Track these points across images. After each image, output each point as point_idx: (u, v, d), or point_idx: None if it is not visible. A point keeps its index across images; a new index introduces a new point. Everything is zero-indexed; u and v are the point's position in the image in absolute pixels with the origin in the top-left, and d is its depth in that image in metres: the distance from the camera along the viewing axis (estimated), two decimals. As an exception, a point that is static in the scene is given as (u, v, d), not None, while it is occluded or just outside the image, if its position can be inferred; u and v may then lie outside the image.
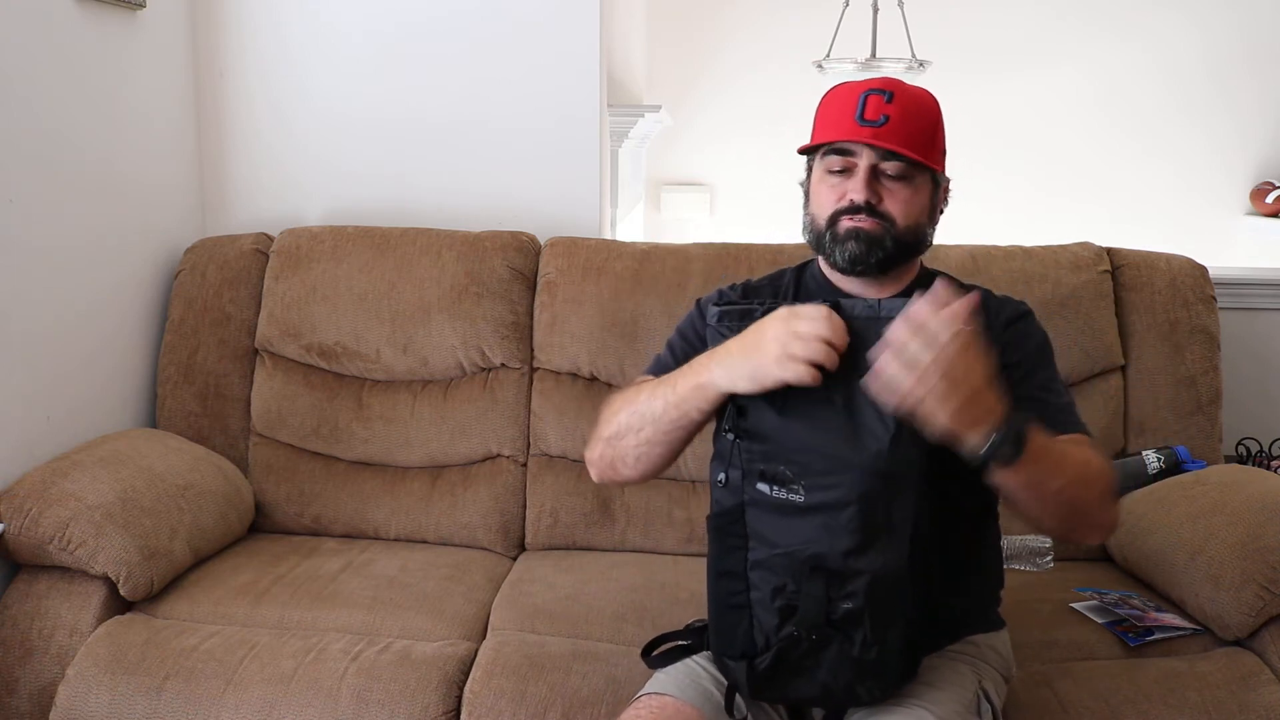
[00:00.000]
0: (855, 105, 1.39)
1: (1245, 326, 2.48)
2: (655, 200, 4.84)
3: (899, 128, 1.38)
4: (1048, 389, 1.42)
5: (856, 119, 1.39)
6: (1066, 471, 1.27)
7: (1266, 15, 4.51)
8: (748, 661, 1.31)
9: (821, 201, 1.45)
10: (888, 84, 1.41)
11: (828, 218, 1.44)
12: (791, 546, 1.26)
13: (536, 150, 2.50)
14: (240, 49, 2.49)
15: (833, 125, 1.42)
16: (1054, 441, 1.26)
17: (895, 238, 1.41)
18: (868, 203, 1.40)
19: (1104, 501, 1.33)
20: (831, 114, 1.44)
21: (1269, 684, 1.65)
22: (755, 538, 1.29)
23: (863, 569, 1.24)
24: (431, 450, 2.22)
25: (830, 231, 1.43)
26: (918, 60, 3.72)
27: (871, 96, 1.39)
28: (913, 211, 1.42)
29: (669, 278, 2.19)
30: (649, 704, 1.37)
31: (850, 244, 1.41)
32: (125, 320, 2.27)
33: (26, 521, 1.79)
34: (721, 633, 1.35)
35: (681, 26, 4.72)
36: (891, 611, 1.28)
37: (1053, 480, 1.25)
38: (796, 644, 1.27)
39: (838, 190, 1.43)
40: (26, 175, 1.95)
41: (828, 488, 1.24)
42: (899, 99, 1.39)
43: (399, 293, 2.23)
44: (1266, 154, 4.63)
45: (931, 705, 1.33)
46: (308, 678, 1.67)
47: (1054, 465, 1.25)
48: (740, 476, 1.29)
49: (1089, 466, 1.30)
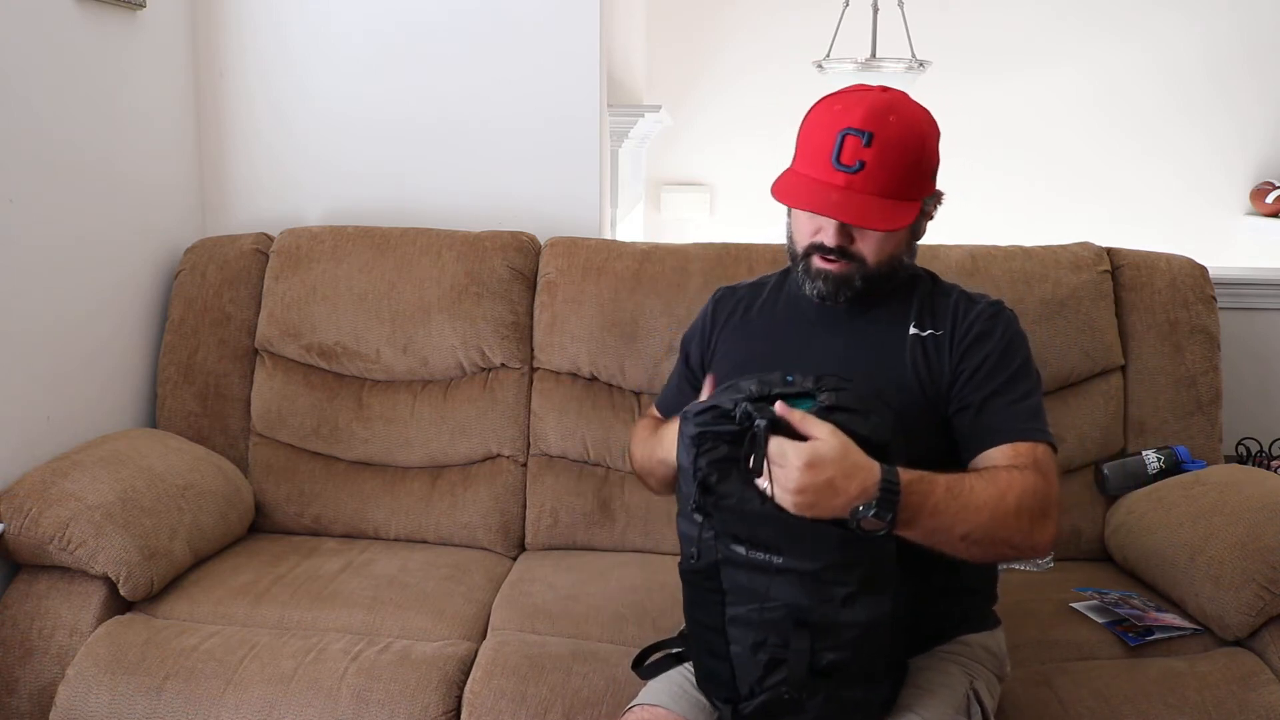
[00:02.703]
0: (832, 145, 1.36)
1: (1245, 326, 2.48)
2: (655, 200, 4.84)
3: (874, 175, 1.35)
4: (1002, 393, 1.41)
5: (832, 161, 1.36)
6: (972, 517, 1.27)
7: (1266, 15, 4.51)
8: (732, 706, 1.29)
9: (799, 229, 1.48)
10: (870, 119, 1.36)
11: (803, 249, 1.46)
12: (773, 602, 1.24)
13: (536, 150, 2.50)
14: (240, 49, 2.49)
15: (809, 161, 1.40)
16: (958, 489, 1.27)
17: (865, 276, 1.43)
18: (839, 246, 1.42)
19: (1032, 526, 1.30)
20: (809, 146, 1.41)
21: (1269, 684, 1.65)
22: (733, 592, 1.27)
23: (849, 620, 1.23)
24: (431, 450, 2.22)
25: (804, 263, 1.46)
26: (918, 60, 3.72)
27: (849, 138, 1.35)
28: (886, 249, 1.43)
29: (669, 278, 2.18)
30: (641, 715, 1.37)
31: (819, 283, 1.45)
32: (125, 320, 2.27)
33: (26, 521, 1.79)
34: (705, 676, 1.34)
35: (681, 26, 4.72)
36: (879, 655, 1.27)
37: (957, 527, 1.26)
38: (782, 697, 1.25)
39: (814, 223, 1.44)
40: (26, 175, 1.95)
41: (802, 554, 1.23)
42: (878, 140, 1.35)
43: (399, 293, 2.23)
44: (1266, 154, 4.63)
45: (920, 710, 1.33)
46: (308, 678, 1.67)
47: (955, 515, 1.26)
48: (713, 537, 1.27)
49: (1004, 500, 1.29)
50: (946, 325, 1.46)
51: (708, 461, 1.23)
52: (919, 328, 1.46)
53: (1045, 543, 1.33)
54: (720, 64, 4.74)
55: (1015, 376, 1.43)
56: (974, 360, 1.43)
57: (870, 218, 1.36)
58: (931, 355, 1.45)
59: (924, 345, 1.45)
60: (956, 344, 1.44)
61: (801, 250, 1.46)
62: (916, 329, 1.46)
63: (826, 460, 1.19)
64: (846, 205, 1.36)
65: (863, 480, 1.20)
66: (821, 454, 1.19)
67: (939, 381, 1.43)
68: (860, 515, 1.19)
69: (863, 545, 1.22)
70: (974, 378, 1.42)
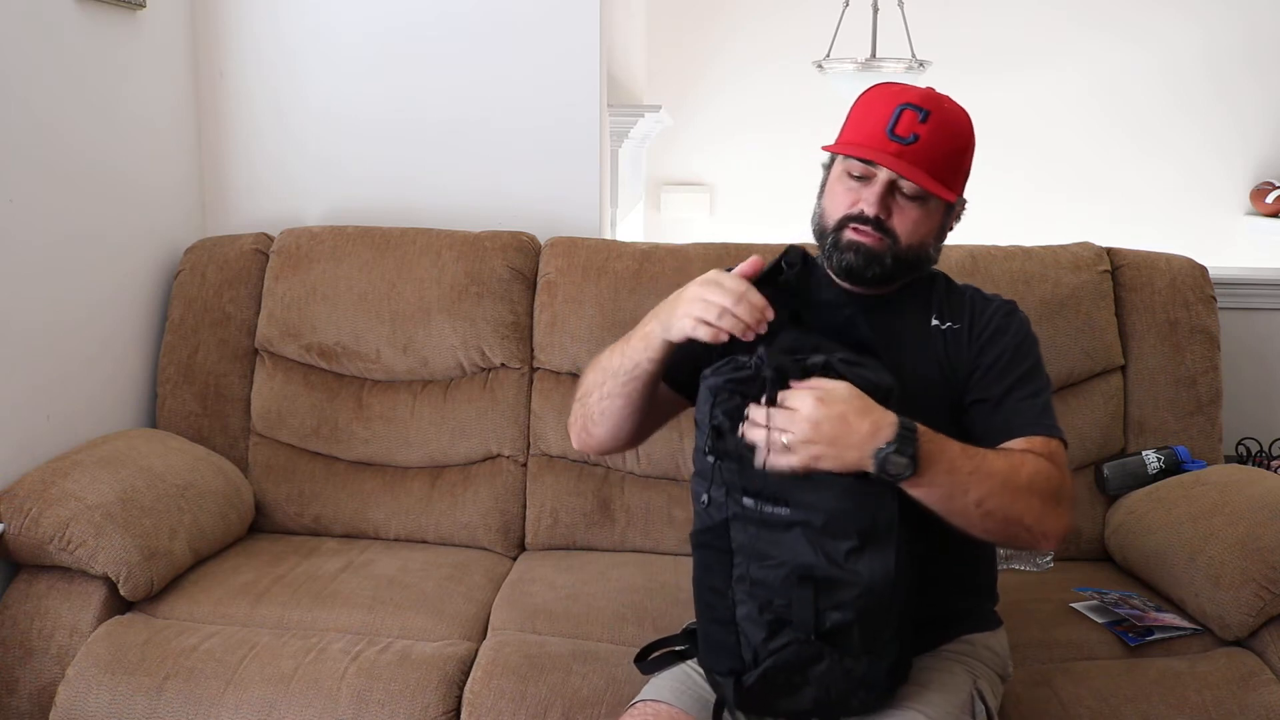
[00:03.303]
0: (889, 117, 1.39)
1: (1245, 326, 2.48)
2: (655, 200, 4.84)
3: (926, 150, 1.38)
4: (1017, 389, 1.43)
5: (887, 132, 1.39)
6: (986, 482, 1.27)
7: (1266, 15, 4.51)
8: (735, 678, 1.30)
9: (835, 201, 1.46)
10: (927, 100, 1.41)
11: (836, 220, 1.45)
12: (778, 558, 1.26)
13: (536, 150, 2.50)
14: (240, 49, 2.49)
15: (863, 131, 1.42)
16: (972, 451, 1.29)
17: (895, 255, 1.43)
18: (877, 217, 1.41)
19: (1045, 509, 1.32)
20: (865, 118, 1.43)
21: (1269, 684, 1.65)
22: (740, 552, 1.29)
23: (851, 578, 1.24)
24: (431, 450, 2.22)
25: (834, 236, 1.45)
26: (918, 60, 3.72)
27: (907, 111, 1.39)
28: (920, 231, 1.44)
29: (669, 278, 2.18)
30: (644, 710, 1.37)
31: (849, 255, 1.44)
32: (125, 320, 2.27)
33: (26, 521, 1.79)
34: (709, 649, 1.35)
35: (681, 26, 4.72)
36: (881, 623, 1.28)
37: (971, 490, 1.27)
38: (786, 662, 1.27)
39: (852, 195, 1.44)
40: (26, 175, 1.95)
41: (810, 505, 1.25)
42: (934, 119, 1.39)
43: (399, 293, 2.23)
44: (1266, 154, 4.63)
45: (924, 707, 1.33)
46: (308, 678, 1.67)
47: (970, 475, 1.26)
48: (724, 493, 1.29)
49: (1017, 474, 1.30)
50: (964, 320, 1.48)
51: (723, 411, 1.26)
52: (940, 320, 1.49)
53: (1058, 530, 1.34)
54: (720, 64, 4.75)
55: (1029, 374, 1.45)
56: (991, 354, 1.45)
57: (921, 178, 1.38)
58: (952, 348, 1.47)
59: (945, 338, 1.47)
60: (975, 338, 1.46)
61: (834, 222, 1.46)
62: (938, 321, 1.49)
63: (838, 395, 1.21)
64: (899, 166, 1.38)
65: (876, 419, 1.22)
66: (833, 390, 1.22)
67: (959, 373, 1.46)
68: (884, 452, 1.20)
69: (865, 497, 1.24)
70: (991, 371, 1.44)
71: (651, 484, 2.17)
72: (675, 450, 2.13)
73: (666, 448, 2.14)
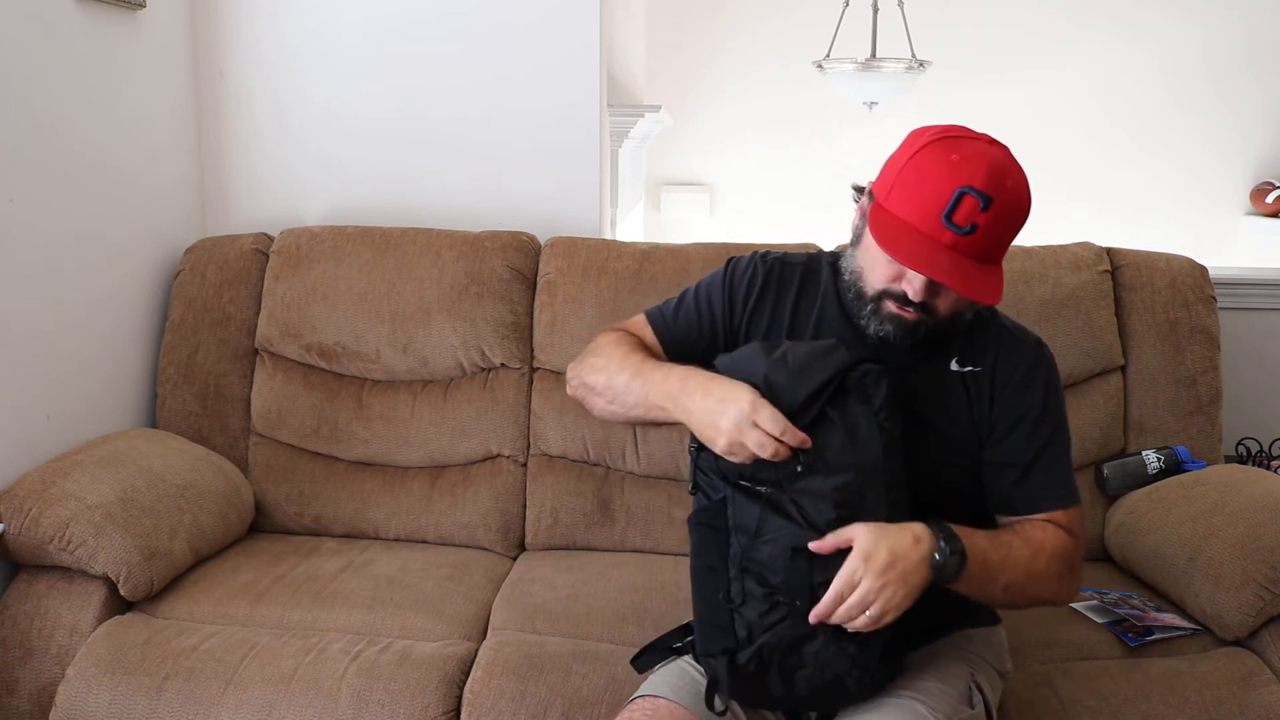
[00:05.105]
0: (948, 200, 1.28)
1: (1245, 326, 2.49)
2: (655, 200, 4.84)
3: (982, 241, 1.29)
4: (1044, 454, 1.43)
5: (943, 217, 1.28)
6: (1012, 570, 1.36)
7: (1266, 15, 4.51)
8: (729, 657, 1.31)
9: (875, 271, 1.38)
10: (990, 182, 1.28)
11: (876, 291, 1.39)
12: (773, 534, 1.29)
13: (536, 150, 2.50)
14: (240, 49, 2.49)
15: (917, 208, 1.30)
16: (997, 542, 1.35)
17: (930, 328, 1.39)
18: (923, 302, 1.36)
19: (1061, 582, 1.41)
20: (919, 190, 1.31)
21: (1269, 684, 1.65)
22: (737, 530, 1.32)
23: None
24: (431, 450, 2.22)
25: (873, 304, 1.40)
26: (918, 60, 3.72)
27: (968, 198, 1.27)
28: (960, 305, 1.39)
29: (669, 278, 2.18)
30: (643, 706, 1.38)
31: (887, 326, 1.39)
32: (125, 320, 2.27)
33: (26, 521, 1.79)
34: (703, 630, 1.37)
35: (681, 26, 4.72)
36: None
37: (1000, 578, 1.35)
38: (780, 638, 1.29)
39: (894, 271, 1.36)
40: (26, 175, 1.95)
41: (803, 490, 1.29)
42: (996, 207, 1.28)
43: (399, 293, 2.23)
44: (1266, 154, 4.63)
45: (923, 696, 1.35)
46: (308, 678, 1.67)
47: (999, 566, 1.34)
48: (721, 476, 1.34)
49: (1039, 557, 1.37)
50: (988, 361, 1.44)
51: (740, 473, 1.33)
52: (960, 364, 1.44)
53: (1071, 595, 1.44)
54: (720, 64, 4.75)
55: (1055, 435, 1.44)
56: (1015, 414, 1.43)
57: (974, 286, 1.29)
58: (972, 391, 1.44)
59: (964, 380, 1.44)
60: (999, 388, 1.43)
61: (874, 292, 1.39)
62: (958, 365, 1.44)
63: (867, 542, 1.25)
64: (954, 269, 1.29)
65: (914, 532, 1.27)
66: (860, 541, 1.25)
67: (979, 418, 1.44)
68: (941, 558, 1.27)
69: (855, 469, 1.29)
70: (1016, 430, 1.43)
71: (651, 484, 2.17)
72: (675, 450, 2.13)
73: (666, 448, 2.14)
